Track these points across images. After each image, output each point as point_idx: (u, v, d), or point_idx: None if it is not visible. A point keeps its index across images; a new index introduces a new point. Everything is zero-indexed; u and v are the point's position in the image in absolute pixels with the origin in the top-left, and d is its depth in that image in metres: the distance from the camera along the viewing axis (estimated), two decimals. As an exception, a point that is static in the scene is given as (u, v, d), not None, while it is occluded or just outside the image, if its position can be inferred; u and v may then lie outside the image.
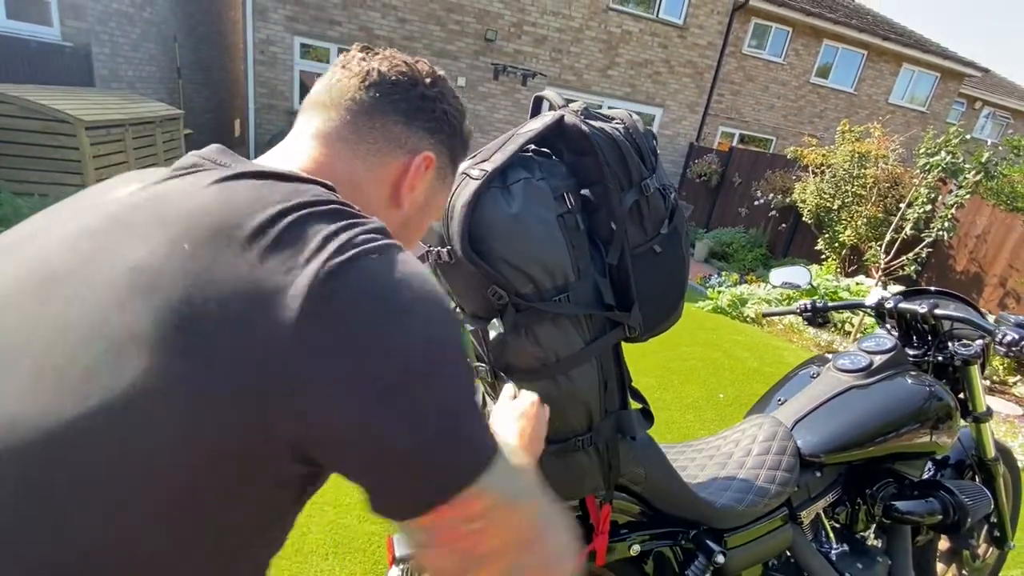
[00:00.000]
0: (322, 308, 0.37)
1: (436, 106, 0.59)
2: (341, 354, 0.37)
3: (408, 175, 0.58)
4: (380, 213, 0.56)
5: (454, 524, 0.40)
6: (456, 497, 0.39)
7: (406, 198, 0.59)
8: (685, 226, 0.88)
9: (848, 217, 5.77)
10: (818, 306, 1.60)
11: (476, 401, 0.43)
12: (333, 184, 0.50)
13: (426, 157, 0.59)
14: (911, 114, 11.71)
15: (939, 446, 1.29)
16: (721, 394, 3.36)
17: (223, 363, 0.35)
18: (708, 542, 1.07)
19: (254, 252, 0.38)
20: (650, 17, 8.99)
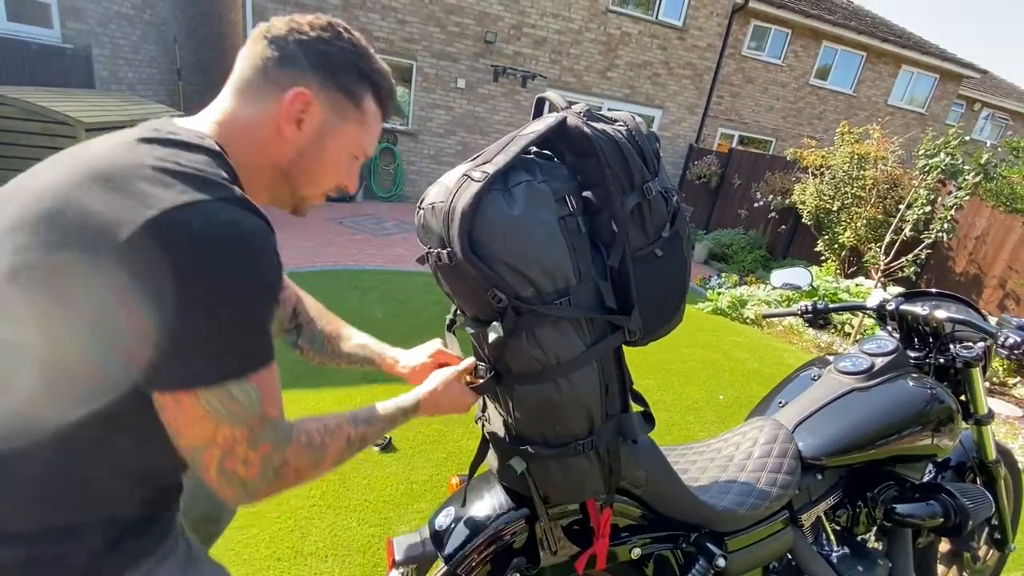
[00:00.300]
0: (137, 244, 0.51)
1: (314, 47, 0.67)
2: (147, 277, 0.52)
3: (283, 108, 0.67)
4: (272, 148, 0.70)
5: (172, 408, 0.56)
6: (177, 393, 0.55)
7: (287, 130, 0.69)
8: (687, 229, 0.88)
9: (848, 218, 5.78)
10: (819, 308, 1.60)
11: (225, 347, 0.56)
12: (226, 137, 0.67)
13: (297, 92, 0.67)
14: (910, 115, 11.73)
15: (941, 449, 1.29)
16: (721, 396, 3.36)
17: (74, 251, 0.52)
18: (709, 545, 1.07)
19: (114, 194, 0.53)
20: (649, 19, 9.00)
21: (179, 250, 0.52)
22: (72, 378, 0.55)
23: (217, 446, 0.58)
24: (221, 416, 0.57)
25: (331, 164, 0.74)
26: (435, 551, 0.98)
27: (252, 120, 0.68)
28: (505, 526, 0.96)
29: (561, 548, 0.98)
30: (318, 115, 0.69)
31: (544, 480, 0.90)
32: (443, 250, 0.74)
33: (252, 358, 0.58)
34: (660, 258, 0.83)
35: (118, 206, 0.52)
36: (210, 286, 0.53)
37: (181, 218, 0.53)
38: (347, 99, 0.71)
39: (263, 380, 0.59)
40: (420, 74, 8.17)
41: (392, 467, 2.18)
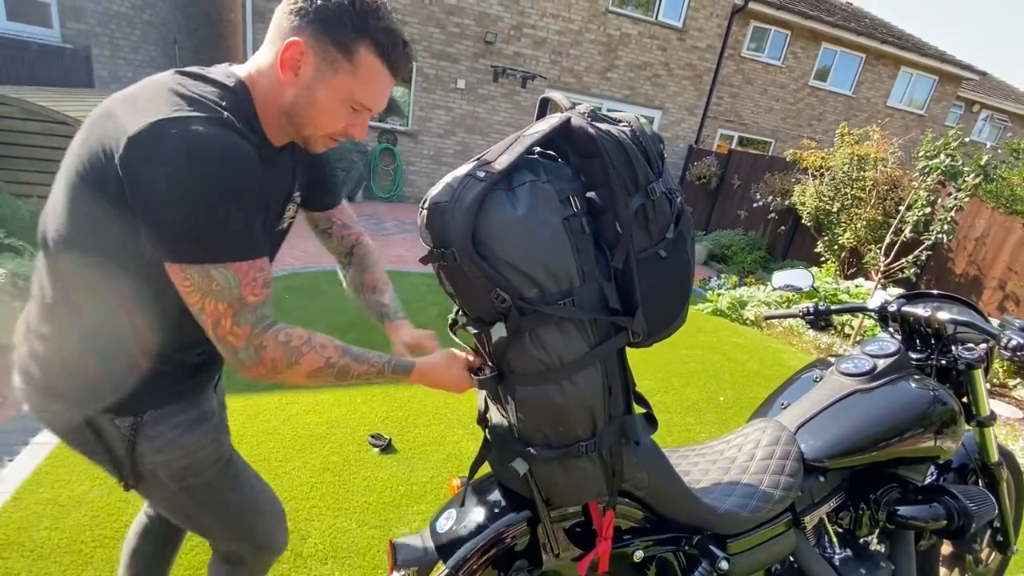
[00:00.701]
0: (130, 152, 0.67)
1: (309, 5, 0.75)
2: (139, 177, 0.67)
3: (279, 56, 0.77)
4: (276, 91, 0.80)
5: (173, 275, 0.72)
6: (171, 266, 0.71)
7: (283, 75, 0.78)
8: (691, 231, 0.87)
9: (847, 219, 5.78)
10: (820, 309, 1.59)
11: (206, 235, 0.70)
12: (252, 80, 0.80)
13: (291, 43, 0.75)
14: (909, 117, 11.75)
15: (943, 451, 1.28)
16: (721, 397, 3.35)
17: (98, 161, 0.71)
18: (711, 548, 1.07)
19: (131, 110, 0.70)
20: (649, 20, 9.00)
21: (157, 152, 0.66)
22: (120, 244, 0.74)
23: (207, 315, 0.73)
24: (204, 291, 0.71)
25: (325, 110, 0.81)
26: (436, 554, 0.97)
27: (266, 65, 0.79)
28: (507, 528, 0.96)
29: (564, 551, 0.97)
30: (311, 64, 0.77)
31: (546, 482, 0.89)
32: (445, 250, 0.74)
33: (225, 249, 0.71)
34: (664, 259, 0.83)
35: (130, 118, 0.68)
36: (179, 184, 0.66)
37: (162, 127, 0.66)
38: (338, 51, 0.76)
39: (242, 270, 0.72)
40: (420, 75, 8.17)
41: (392, 468, 2.17)
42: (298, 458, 2.16)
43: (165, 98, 0.70)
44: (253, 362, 0.76)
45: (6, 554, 1.58)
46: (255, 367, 0.77)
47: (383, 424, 2.47)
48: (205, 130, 0.68)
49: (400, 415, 2.57)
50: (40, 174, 3.79)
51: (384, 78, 0.81)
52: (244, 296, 0.73)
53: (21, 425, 2.17)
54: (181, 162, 0.66)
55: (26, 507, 1.75)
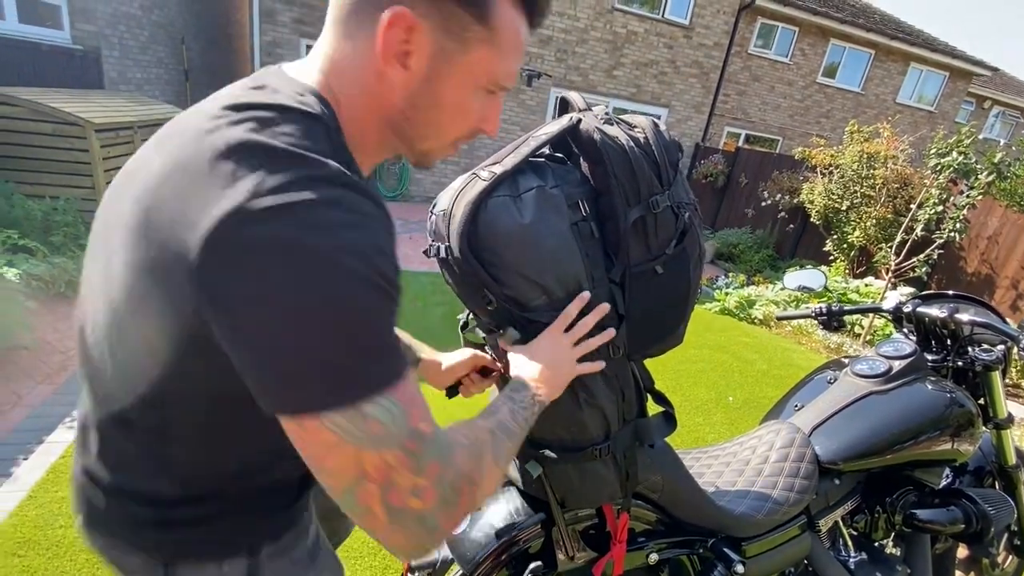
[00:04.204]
0: (220, 253, 0.42)
1: None
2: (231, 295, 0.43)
3: (380, 44, 0.49)
4: (377, 97, 0.53)
5: (299, 436, 0.46)
6: (299, 418, 0.45)
7: (390, 71, 0.51)
8: (698, 249, 0.83)
9: (857, 218, 5.73)
10: (834, 310, 1.58)
11: (347, 357, 0.45)
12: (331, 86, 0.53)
13: (395, 14, 0.48)
14: (919, 114, 11.63)
15: (960, 453, 1.27)
16: (730, 397, 3.33)
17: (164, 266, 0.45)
18: (727, 551, 1.06)
19: (190, 187, 0.44)
20: (655, 17, 8.96)
21: (259, 257, 0.41)
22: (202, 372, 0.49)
23: (370, 480, 0.46)
24: (360, 441, 0.45)
25: (455, 107, 0.56)
26: (451, 556, 0.97)
27: (350, 60, 0.52)
28: (521, 531, 0.95)
29: (578, 553, 0.97)
30: (427, 43, 0.51)
31: (561, 485, 0.89)
32: (442, 244, 0.74)
33: (378, 370, 0.46)
34: (659, 276, 0.80)
35: (198, 198, 0.43)
36: (303, 297, 0.42)
37: (257, 217, 0.41)
38: (467, 10, 0.51)
39: (403, 393, 0.47)
40: (426, 74, 8.17)
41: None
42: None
43: (239, 159, 0.43)
44: (449, 512, 0.50)
45: (23, 552, 1.59)
46: (450, 516, 0.51)
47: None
48: (321, 203, 0.43)
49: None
50: (52, 175, 3.83)
51: (524, 37, 0.57)
52: (416, 427, 0.48)
53: (35, 424, 2.19)
54: (301, 264, 0.42)
55: (41, 505, 1.77)
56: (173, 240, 0.43)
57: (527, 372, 0.72)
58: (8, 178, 3.65)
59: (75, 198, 3.84)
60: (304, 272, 0.42)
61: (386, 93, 0.53)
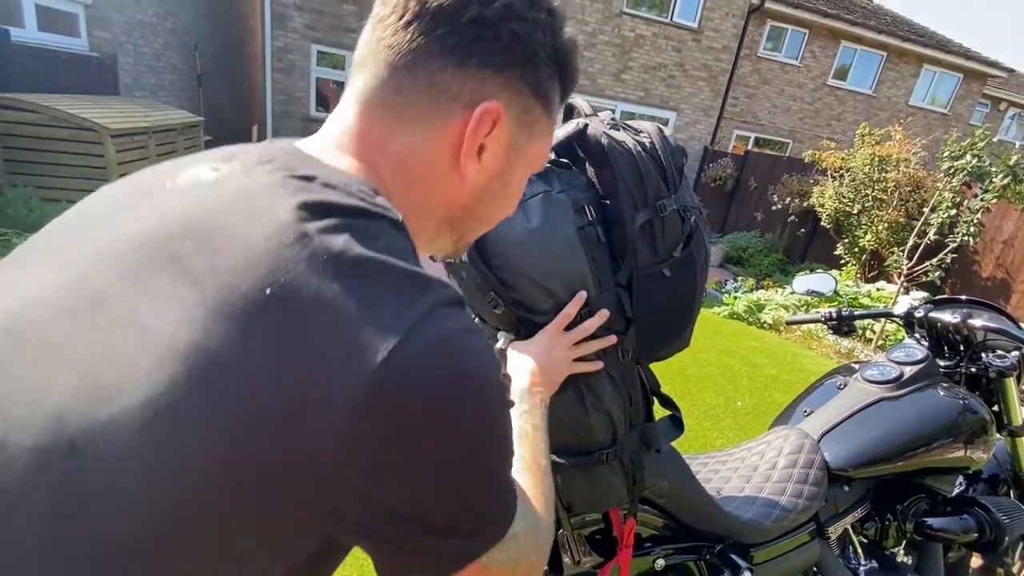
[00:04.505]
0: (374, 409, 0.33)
1: (500, 29, 0.43)
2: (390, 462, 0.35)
3: (465, 137, 0.45)
4: (443, 192, 0.48)
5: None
6: (464, 570, 0.41)
7: (468, 167, 0.46)
8: (704, 252, 0.84)
9: (868, 222, 5.68)
10: (844, 315, 1.56)
11: (501, 495, 0.43)
12: (383, 181, 0.44)
13: (487, 110, 0.44)
14: (932, 116, 11.51)
15: (973, 461, 1.25)
16: (739, 402, 3.31)
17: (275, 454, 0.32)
18: (734, 557, 1.05)
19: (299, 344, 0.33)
20: (664, 21, 8.95)
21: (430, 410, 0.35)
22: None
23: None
24: (515, 560, 0.44)
25: (515, 197, 0.54)
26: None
27: (413, 153, 0.45)
28: None
29: (584, 558, 0.97)
30: (505, 136, 0.47)
31: (567, 489, 0.89)
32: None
33: (513, 487, 0.44)
34: (667, 278, 0.80)
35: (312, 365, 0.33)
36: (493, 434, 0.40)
37: (416, 360, 0.34)
38: (540, 103, 0.48)
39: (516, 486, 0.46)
40: (435, 78, 8.23)
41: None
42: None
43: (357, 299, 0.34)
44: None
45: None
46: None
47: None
48: (467, 331, 0.38)
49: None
50: (68, 179, 3.90)
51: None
52: (535, 512, 0.50)
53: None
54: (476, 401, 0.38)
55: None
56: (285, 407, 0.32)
57: (523, 373, 0.73)
58: (27, 182, 3.73)
59: (90, 202, 3.93)
60: (481, 408, 0.38)
61: (455, 188, 0.48)
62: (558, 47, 0.47)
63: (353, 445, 0.33)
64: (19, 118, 3.68)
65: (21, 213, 3.50)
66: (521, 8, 0.44)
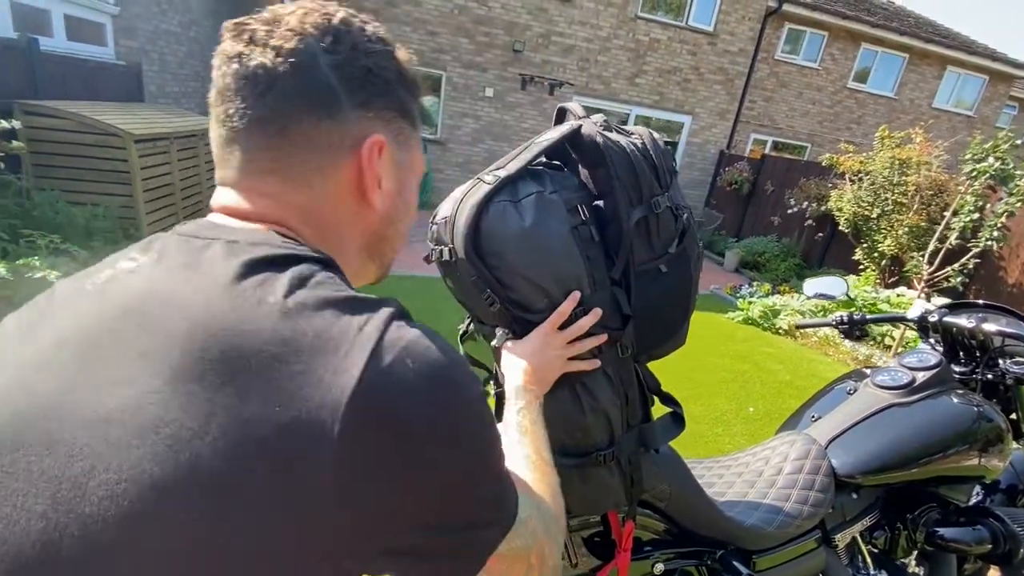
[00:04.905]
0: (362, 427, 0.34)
1: (355, 69, 0.46)
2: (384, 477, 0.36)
3: (364, 174, 0.48)
4: (356, 227, 0.51)
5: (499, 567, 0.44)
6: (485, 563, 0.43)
7: (377, 199, 0.50)
8: (697, 249, 0.85)
9: (888, 226, 5.55)
10: (855, 319, 1.54)
11: (499, 484, 0.45)
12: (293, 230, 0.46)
13: (373, 144, 0.48)
14: (957, 118, 11.23)
15: (988, 470, 1.22)
16: (751, 408, 3.26)
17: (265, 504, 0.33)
18: (735, 563, 1.04)
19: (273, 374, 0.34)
20: (679, 25, 8.91)
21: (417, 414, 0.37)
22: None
23: (534, 570, 0.48)
24: (529, 545, 0.46)
25: (413, 208, 0.58)
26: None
27: (316, 203, 0.47)
28: None
29: (581, 560, 0.96)
30: (391, 160, 0.51)
31: (564, 491, 0.89)
32: (444, 247, 0.75)
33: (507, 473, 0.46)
34: (664, 274, 0.81)
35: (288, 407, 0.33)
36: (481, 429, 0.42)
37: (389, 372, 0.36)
38: (407, 121, 0.53)
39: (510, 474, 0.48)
40: (449, 84, 8.30)
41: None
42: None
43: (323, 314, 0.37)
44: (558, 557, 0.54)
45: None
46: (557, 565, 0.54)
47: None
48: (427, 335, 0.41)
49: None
50: (93, 183, 4.02)
51: None
52: (537, 504, 0.51)
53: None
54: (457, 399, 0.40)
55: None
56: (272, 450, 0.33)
57: (517, 371, 0.73)
58: (54, 186, 3.85)
59: (114, 205, 4.03)
60: (462, 402, 0.40)
61: (366, 220, 0.51)
62: (401, 69, 0.51)
63: (350, 466, 0.34)
64: (46, 124, 3.81)
65: (47, 216, 3.61)
66: (365, 46, 0.47)
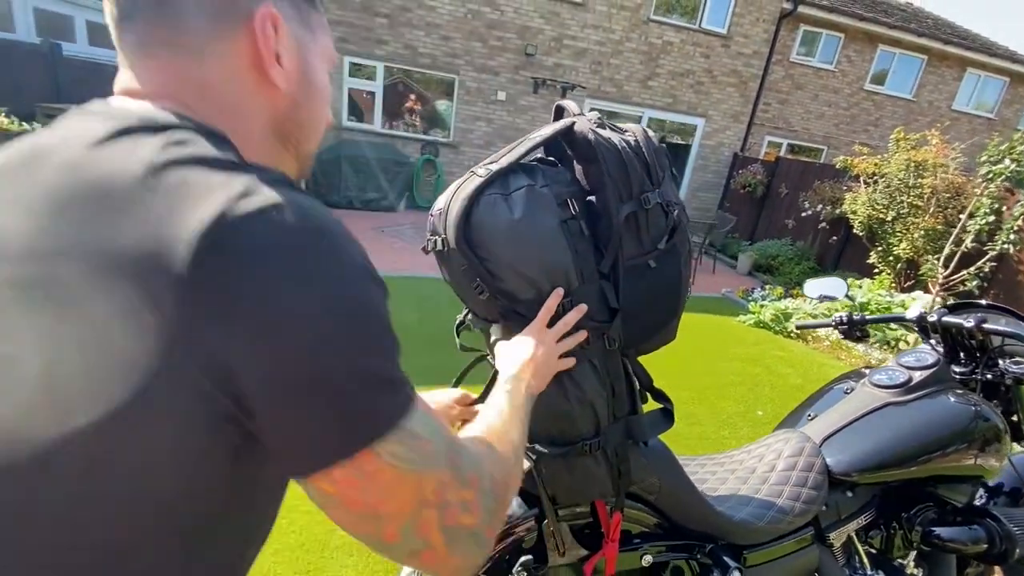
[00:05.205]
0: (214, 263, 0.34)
1: None
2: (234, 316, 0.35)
3: (259, 48, 0.47)
4: (259, 106, 0.49)
5: (353, 488, 0.40)
6: (348, 460, 0.38)
7: (278, 77, 0.48)
8: (688, 245, 0.86)
9: (903, 229, 5.47)
10: (855, 319, 1.53)
11: (383, 367, 0.41)
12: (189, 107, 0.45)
13: (264, 15, 0.46)
14: (977, 121, 11.02)
15: (985, 470, 1.21)
16: (760, 411, 3.23)
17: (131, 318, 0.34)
18: (725, 558, 1.04)
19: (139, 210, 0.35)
20: (692, 27, 8.88)
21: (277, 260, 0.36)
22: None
23: (429, 505, 0.42)
24: (417, 465, 0.41)
25: (325, 93, 0.56)
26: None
27: (213, 78, 0.46)
28: (514, 525, 0.97)
29: (568, 549, 0.98)
30: (291, 37, 0.49)
31: (551, 480, 0.91)
32: (438, 237, 0.78)
33: (406, 382, 0.42)
34: (652, 269, 0.82)
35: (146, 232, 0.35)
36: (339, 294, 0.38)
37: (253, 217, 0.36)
38: (305, 2, 0.51)
39: (424, 403, 0.44)
40: (462, 88, 8.37)
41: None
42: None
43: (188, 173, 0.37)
44: (492, 520, 0.49)
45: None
46: (493, 524, 0.49)
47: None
48: (299, 200, 0.39)
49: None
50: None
51: None
52: (449, 435, 0.46)
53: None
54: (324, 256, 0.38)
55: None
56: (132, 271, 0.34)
57: (515, 364, 0.74)
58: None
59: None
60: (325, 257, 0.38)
61: (269, 99, 0.49)
62: None
63: (202, 304, 0.34)
64: (70, 128, 3.94)
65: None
66: None
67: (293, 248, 0.37)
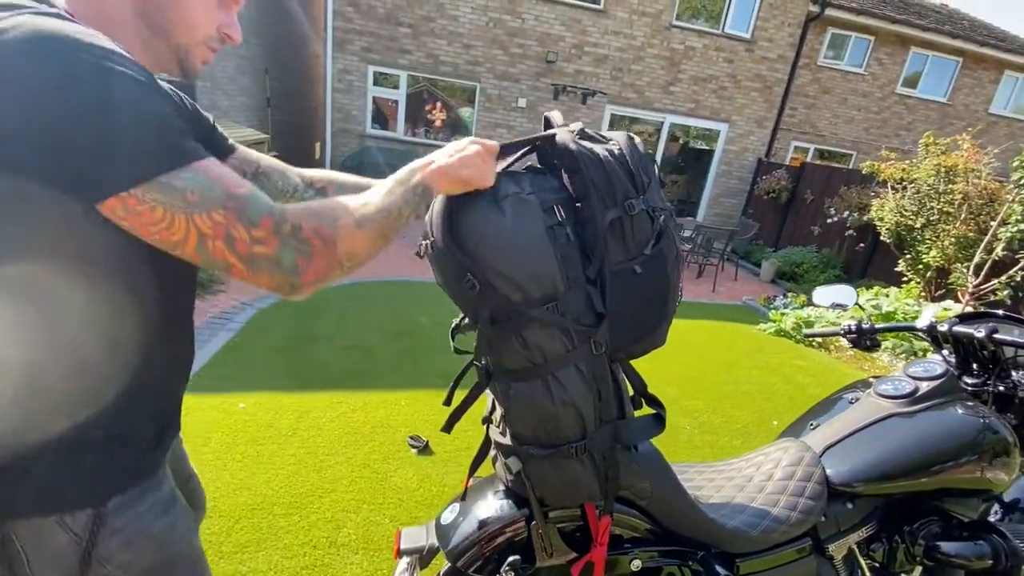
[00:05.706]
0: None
1: None
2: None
3: None
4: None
5: (136, 218, 0.52)
6: (123, 199, 0.50)
7: None
8: (675, 250, 0.87)
9: (933, 236, 5.29)
10: (864, 328, 1.51)
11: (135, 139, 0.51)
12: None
13: None
14: (1017, 124, 10.58)
15: (993, 484, 1.17)
16: (775, 421, 3.17)
17: None
18: (716, 566, 1.04)
19: None
20: (715, 32, 8.80)
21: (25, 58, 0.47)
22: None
23: (212, 238, 0.54)
24: (184, 208, 0.53)
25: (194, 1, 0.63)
26: (438, 544, 1.03)
27: None
28: (504, 525, 0.99)
29: (557, 551, 0.99)
30: None
31: (539, 481, 0.92)
32: (429, 241, 0.81)
33: (177, 149, 0.53)
34: (638, 275, 0.84)
35: None
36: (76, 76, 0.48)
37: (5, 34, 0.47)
38: None
39: (208, 169, 0.55)
40: (483, 95, 8.47)
41: (427, 470, 2.26)
42: (342, 453, 2.30)
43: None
44: (304, 255, 0.58)
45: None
46: (310, 261, 0.59)
47: (423, 426, 2.57)
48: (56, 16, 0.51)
49: (440, 419, 2.66)
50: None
51: None
52: (234, 191, 0.56)
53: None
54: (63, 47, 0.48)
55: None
56: None
57: (420, 161, 0.75)
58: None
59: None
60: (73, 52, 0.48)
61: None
62: None
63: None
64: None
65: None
66: None
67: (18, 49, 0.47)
